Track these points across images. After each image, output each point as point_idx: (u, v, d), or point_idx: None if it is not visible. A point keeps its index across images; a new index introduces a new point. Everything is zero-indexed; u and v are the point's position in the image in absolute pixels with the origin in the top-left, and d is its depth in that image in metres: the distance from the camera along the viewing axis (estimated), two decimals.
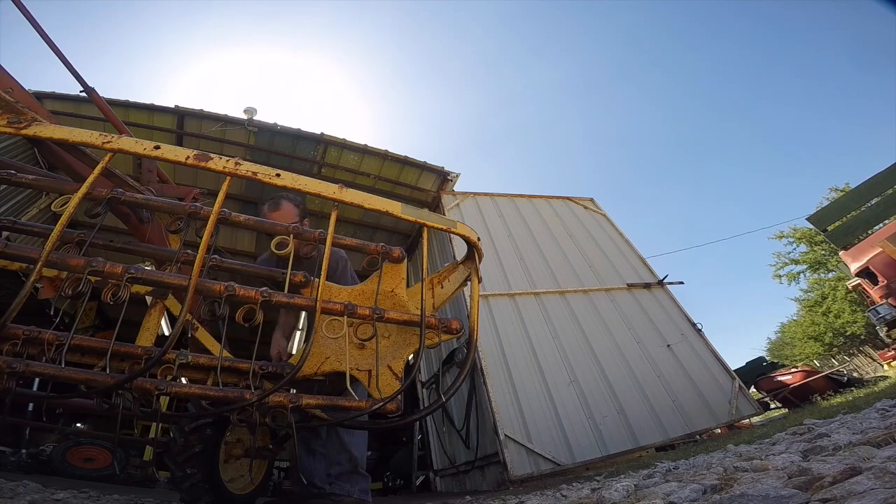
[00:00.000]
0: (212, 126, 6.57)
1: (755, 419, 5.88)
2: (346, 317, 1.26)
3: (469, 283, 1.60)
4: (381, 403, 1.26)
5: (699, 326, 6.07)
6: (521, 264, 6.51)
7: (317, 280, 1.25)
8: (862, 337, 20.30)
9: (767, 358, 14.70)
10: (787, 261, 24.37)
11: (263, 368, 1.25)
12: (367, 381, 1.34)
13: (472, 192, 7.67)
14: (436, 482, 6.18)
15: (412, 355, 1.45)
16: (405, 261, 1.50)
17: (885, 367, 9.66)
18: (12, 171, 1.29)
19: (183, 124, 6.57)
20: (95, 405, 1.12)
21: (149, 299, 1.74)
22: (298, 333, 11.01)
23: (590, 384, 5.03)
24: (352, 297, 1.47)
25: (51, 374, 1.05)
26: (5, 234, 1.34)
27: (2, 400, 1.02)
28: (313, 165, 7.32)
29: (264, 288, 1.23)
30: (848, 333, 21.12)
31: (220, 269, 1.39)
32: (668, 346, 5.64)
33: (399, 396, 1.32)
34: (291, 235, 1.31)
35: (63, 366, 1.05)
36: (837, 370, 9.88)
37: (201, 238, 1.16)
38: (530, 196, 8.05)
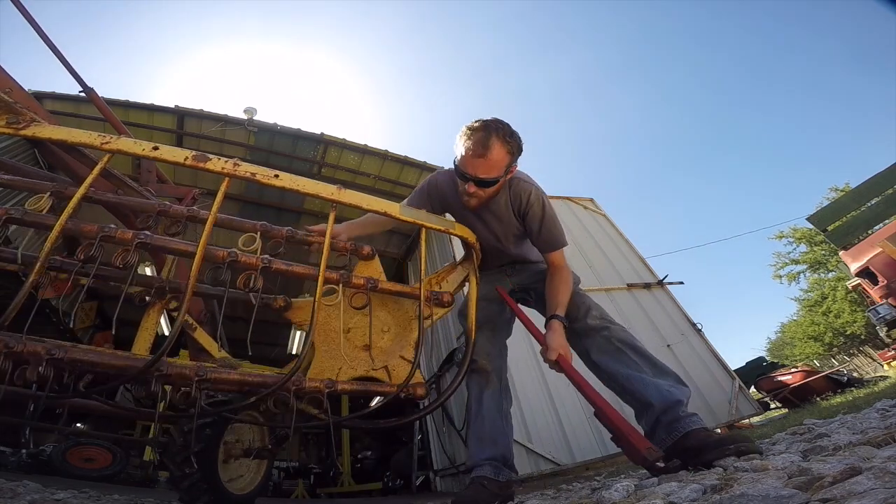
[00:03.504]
0: (212, 126, 6.58)
1: (755, 419, 5.88)
2: (341, 285, 1.32)
3: (468, 283, 1.60)
4: (405, 384, 1.28)
5: (699, 326, 6.07)
6: None
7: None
8: (862, 337, 20.30)
9: (767, 358, 14.68)
10: (787, 261, 24.38)
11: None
12: (388, 377, 1.35)
13: None
14: (436, 482, 6.18)
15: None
16: (376, 258, 1.49)
17: (885, 367, 9.65)
18: None
19: (183, 124, 6.58)
20: (135, 391, 1.10)
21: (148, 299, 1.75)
22: (299, 333, 11.05)
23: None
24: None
25: (90, 361, 1.04)
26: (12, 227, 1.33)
27: (40, 388, 1.00)
28: (313, 165, 7.32)
29: (265, 255, 1.27)
30: (848, 333, 21.12)
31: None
32: (668, 346, 5.64)
33: (422, 378, 1.36)
34: (259, 233, 1.32)
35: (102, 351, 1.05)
36: (837, 370, 9.87)
37: (196, 241, 1.16)
38: None
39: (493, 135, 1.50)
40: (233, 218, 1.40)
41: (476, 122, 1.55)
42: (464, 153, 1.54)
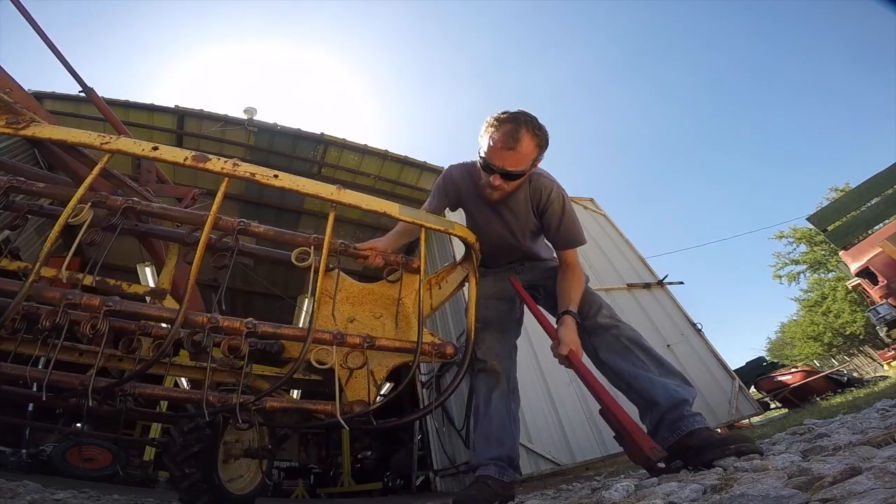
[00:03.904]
0: (212, 126, 6.58)
1: (755, 419, 5.88)
2: (335, 346, 1.20)
3: (467, 283, 1.60)
4: (355, 414, 1.23)
5: (699, 326, 6.06)
6: None
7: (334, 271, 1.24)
8: (862, 337, 20.29)
9: (767, 358, 14.68)
10: (787, 261, 24.36)
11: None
12: (346, 381, 1.30)
13: None
14: (436, 482, 6.18)
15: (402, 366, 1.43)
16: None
17: (885, 367, 9.64)
18: (22, 179, 1.27)
19: (183, 124, 6.58)
20: (83, 407, 1.11)
21: (148, 300, 1.75)
22: None
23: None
24: (362, 294, 1.47)
25: (35, 378, 1.05)
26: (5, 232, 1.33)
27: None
28: (313, 165, 7.32)
29: (249, 319, 1.18)
30: (848, 333, 21.11)
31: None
32: (668, 346, 5.64)
33: (371, 405, 1.29)
34: (312, 248, 1.30)
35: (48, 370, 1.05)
36: (837, 370, 9.87)
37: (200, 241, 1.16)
38: None
39: (522, 127, 1.47)
40: (284, 231, 1.37)
41: (503, 113, 1.51)
42: (491, 145, 1.50)
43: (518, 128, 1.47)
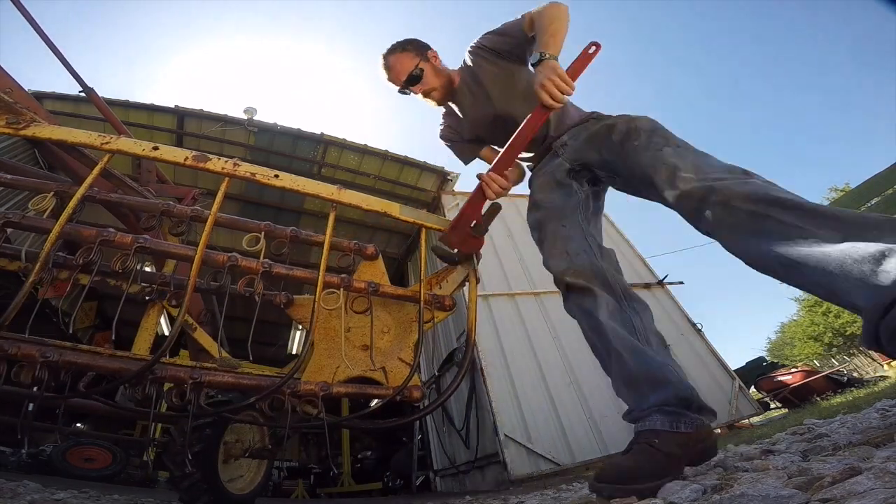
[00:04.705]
0: (212, 126, 6.58)
1: (755, 419, 5.88)
2: (342, 290, 1.30)
3: (467, 283, 1.60)
4: (402, 388, 1.27)
5: (699, 326, 6.07)
6: (520, 264, 6.52)
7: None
8: None
9: (767, 358, 14.67)
10: None
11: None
12: (385, 378, 1.35)
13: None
14: (436, 482, 6.18)
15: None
16: (380, 258, 1.49)
17: (885, 367, 9.66)
18: None
19: (183, 124, 6.58)
20: (131, 392, 1.10)
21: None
22: (299, 333, 11.04)
23: (590, 384, 5.03)
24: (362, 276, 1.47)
25: (84, 364, 1.03)
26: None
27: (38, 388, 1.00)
28: (313, 165, 7.32)
29: (266, 259, 1.27)
30: (848, 333, 21.13)
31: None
32: (668, 346, 5.63)
33: (420, 381, 1.34)
34: (263, 233, 1.31)
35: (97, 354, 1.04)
36: (837, 370, 9.87)
37: (198, 240, 1.16)
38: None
39: (385, 57, 1.76)
40: (237, 218, 1.40)
41: None
42: (388, 82, 1.79)
43: (383, 60, 1.76)
